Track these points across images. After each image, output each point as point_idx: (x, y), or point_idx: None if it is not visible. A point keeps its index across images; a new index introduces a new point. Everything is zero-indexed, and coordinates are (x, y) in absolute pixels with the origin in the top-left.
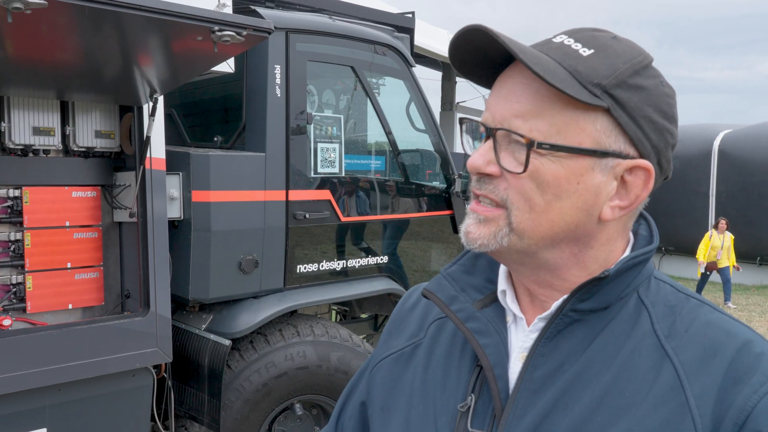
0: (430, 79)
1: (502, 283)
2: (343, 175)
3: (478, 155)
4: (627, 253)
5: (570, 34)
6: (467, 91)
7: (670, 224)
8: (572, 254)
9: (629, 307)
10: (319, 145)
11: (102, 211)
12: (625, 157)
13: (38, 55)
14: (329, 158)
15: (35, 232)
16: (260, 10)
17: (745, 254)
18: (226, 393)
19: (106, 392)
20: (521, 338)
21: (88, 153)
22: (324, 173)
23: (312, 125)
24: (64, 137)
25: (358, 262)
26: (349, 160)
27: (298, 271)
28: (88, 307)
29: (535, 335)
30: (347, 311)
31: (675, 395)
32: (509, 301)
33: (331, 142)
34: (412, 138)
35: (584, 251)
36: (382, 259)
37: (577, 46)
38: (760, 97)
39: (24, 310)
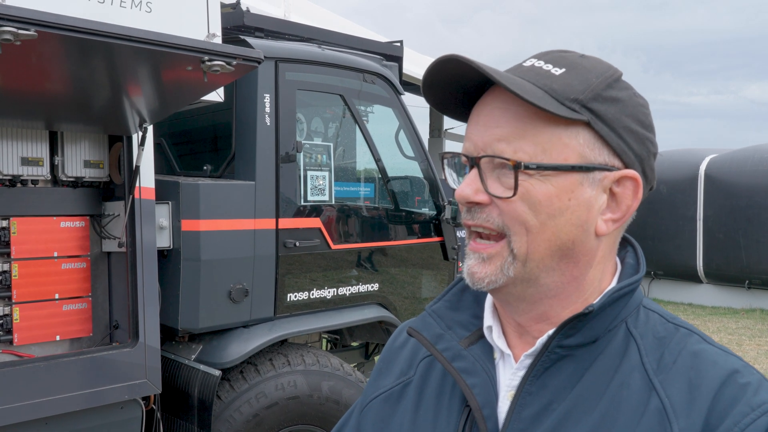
0: (418, 107)
1: (488, 319)
2: (333, 202)
3: (466, 185)
4: (614, 282)
5: (539, 57)
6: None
7: (659, 249)
8: (573, 278)
9: (618, 339)
10: (309, 173)
11: (90, 241)
12: (611, 168)
13: (27, 85)
14: (319, 186)
15: (23, 263)
16: (250, 39)
17: (733, 278)
18: (216, 424)
19: (94, 425)
20: (509, 376)
21: (76, 183)
22: (314, 201)
23: (301, 153)
24: (53, 167)
25: (349, 290)
26: (339, 188)
27: (288, 299)
28: (76, 339)
29: (522, 372)
30: (338, 339)
31: (662, 431)
32: (496, 338)
33: (321, 170)
34: (402, 165)
35: (584, 273)
36: (372, 287)
37: (548, 67)
38: (746, 122)
39: (11, 342)
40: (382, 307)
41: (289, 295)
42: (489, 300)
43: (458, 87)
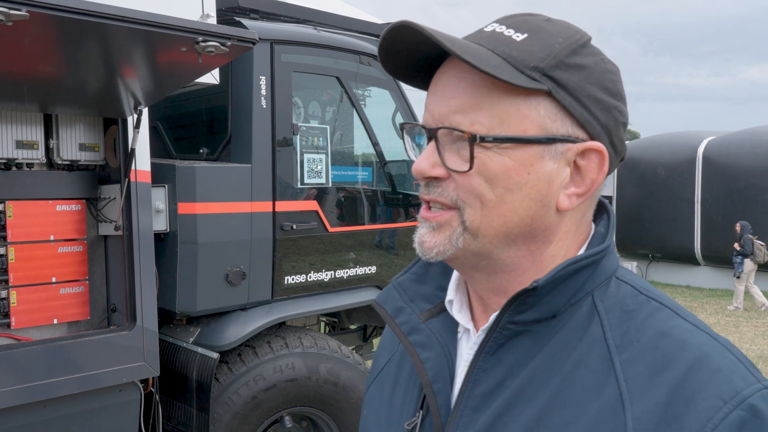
0: (415, 89)
1: (451, 292)
2: (330, 185)
3: (422, 159)
4: (582, 250)
5: (501, 21)
6: None
7: (657, 231)
8: (529, 252)
9: (581, 313)
10: (306, 156)
11: (87, 225)
12: (575, 140)
13: (21, 67)
14: (316, 169)
15: (19, 247)
16: (245, 21)
17: (731, 260)
18: (214, 406)
19: (92, 408)
20: (467, 350)
21: (72, 166)
22: (311, 184)
23: (298, 136)
24: (48, 150)
25: (346, 272)
26: (336, 171)
27: (285, 282)
28: (73, 322)
29: (476, 348)
30: (336, 322)
31: (614, 416)
32: (456, 312)
33: (318, 153)
34: (399, 148)
35: (542, 248)
36: (370, 269)
37: (510, 32)
38: (746, 104)
39: (8, 325)
40: (379, 290)
41: (286, 277)
42: (456, 272)
43: (419, 54)
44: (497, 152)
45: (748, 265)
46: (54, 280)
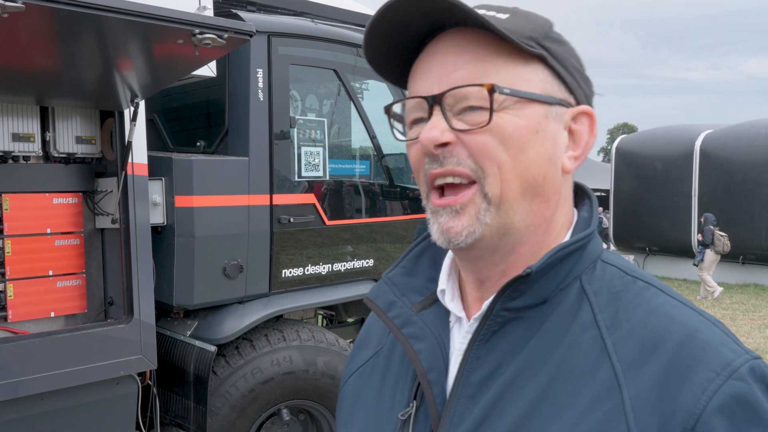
0: None
1: (443, 282)
2: (328, 178)
3: (430, 127)
4: (568, 236)
5: (479, 7)
6: None
7: (654, 225)
8: (543, 218)
9: (570, 297)
10: (303, 149)
11: (84, 218)
12: (568, 105)
13: (16, 59)
14: (313, 162)
15: (16, 240)
16: (241, 13)
17: (728, 253)
18: (212, 399)
19: (89, 401)
20: (460, 339)
21: (68, 159)
22: (308, 177)
23: (295, 129)
24: (44, 143)
25: (344, 265)
26: (333, 164)
27: (283, 275)
28: (70, 315)
29: (470, 337)
30: (333, 315)
31: (611, 396)
32: (448, 301)
33: (315, 146)
34: (396, 141)
35: (552, 215)
36: (367, 263)
37: (493, 13)
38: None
39: (5, 318)
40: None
41: (283, 271)
42: (447, 262)
43: (399, 41)
44: (508, 111)
45: (709, 255)
46: (51, 273)
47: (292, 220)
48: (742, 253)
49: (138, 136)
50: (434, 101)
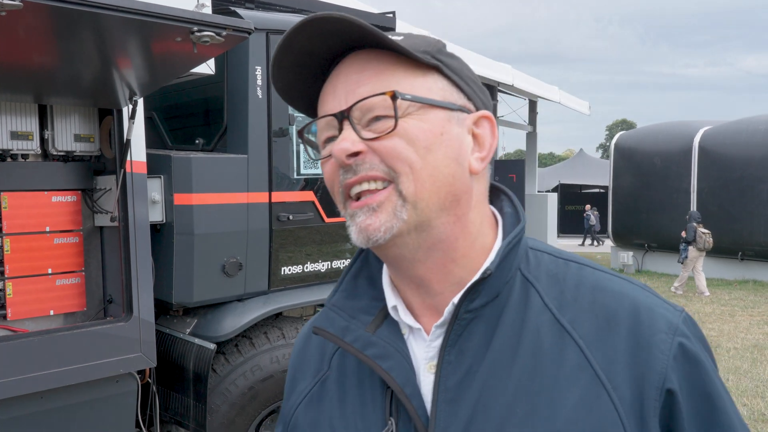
0: None
1: (391, 299)
2: None
3: (341, 140)
4: (499, 233)
5: None
6: None
7: (653, 221)
8: (457, 218)
9: (516, 288)
10: (302, 147)
11: (83, 216)
12: (468, 111)
13: (15, 57)
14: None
15: (15, 238)
16: (240, 11)
17: (726, 249)
18: (211, 397)
19: (89, 399)
20: (423, 349)
21: (67, 157)
22: (307, 174)
23: (294, 126)
24: (43, 141)
25: (343, 263)
26: None
27: (282, 273)
28: (69, 313)
29: (436, 343)
30: None
31: (583, 371)
32: (403, 315)
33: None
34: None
35: (466, 213)
36: None
37: (388, 34)
38: (742, 93)
39: (4, 317)
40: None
41: (283, 268)
42: (386, 279)
43: (302, 73)
44: (413, 117)
45: (692, 252)
46: (50, 271)
47: (291, 217)
48: (740, 249)
49: (137, 134)
50: (343, 117)
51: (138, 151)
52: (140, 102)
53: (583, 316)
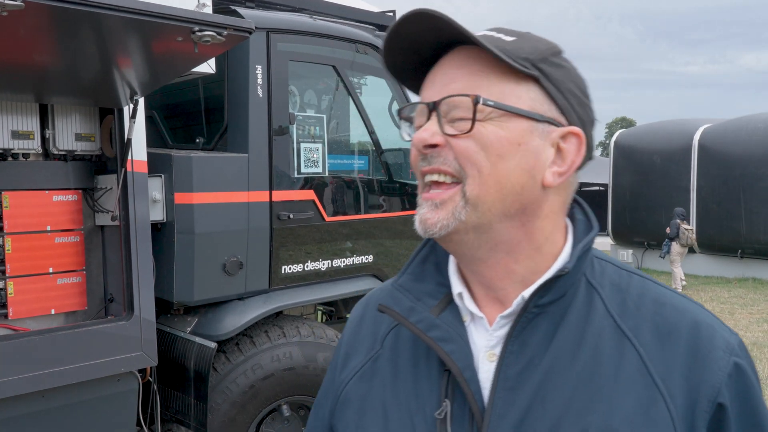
0: None
1: (457, 286)
2: (327, 174)
3: (423, 130)
4: (569, 238)
5: (490, 29)
6: None
7: (652, 219)
8: (521, 224)
9: (581, 291)
10: (302, 145)
11: (84, 215)
12: (558, 124)
13: (16, 57)
14: (312, 158)
15: (16, 237)
16: (240, 10)
17: (726, 247)
18: (212, 396)
19: (90, 398)
20: (485, 337)
21: (68, 156)
22: (307, 173)
23: (294, 125)
24: (44, 141)
25: (343, 261)
26: (333, 160)
27: (283, 271)
28: (71, 312)
29: (499, 333)
30: (333, 311)
31: (641, 376)
32: (467, 303)
33: (314, 142)
34: (395, 137)
35: (532, 221)
36: (367, 259)
37: (500, 35)
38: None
39: (6, 316)
40: (377, 279)
41: (283, 267)
42: (452, 267)
43: (415, 54)
44: (493, 123)
45: (675, 248)
46: (51, 270)
47: (291, 216)
48: (740, 247)
49: (137, 133)
50: (432, 107)
51: (139, 151)
52: (141, 101)
53: (644, 325)
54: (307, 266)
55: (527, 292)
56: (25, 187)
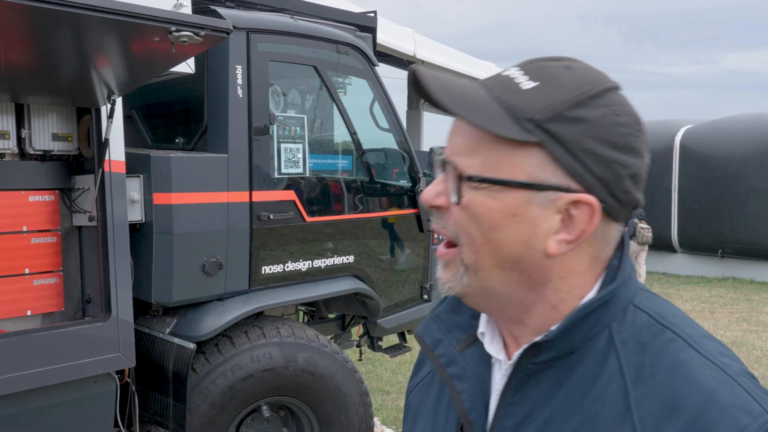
0: (396, 78)
1: (482, 324)
2: (308, 175)
3: (430, 187)
4: (594, 289)
5: (522, 65)
6: None
7: (633, 219)
8: (530, 288)
9: (599, 346)
10: (283, 146)
11: (60, 216)
12: (566, 190)
13: None
14: (293, 158)
15: None
16: (220, 9)
17: (707, 247)
18: (191, 397)
19: (67, 400)
20: (499, 381)
21: (45, 156)
22: (288, 173)
23: (275, 125)
24: (20, 140)
25: (324, 262)
26: (314, 160)
27: (263, 272)
28: (47, 313)
29: (505, 382)
30: (314, 312)
31: None
32: (487, 345)
33: (295, 142)
34: (377, 137)
35: (542, 285)
36: (348, 259)
37: (522, 79)
38: (724, 92)
39: None
40: (358, 279)
41: (263, 267)
42: None
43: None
44: (484, 193)
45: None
46: (27, 271)
47: (271, 216)
48: (720, 246)
49: (115, 133)
50: (445, 163)
51: (117, 151)
52: (119, 101)
53: (653, 396)
54: (288, 267)
55: (518, 353)
56: (1, 187)
